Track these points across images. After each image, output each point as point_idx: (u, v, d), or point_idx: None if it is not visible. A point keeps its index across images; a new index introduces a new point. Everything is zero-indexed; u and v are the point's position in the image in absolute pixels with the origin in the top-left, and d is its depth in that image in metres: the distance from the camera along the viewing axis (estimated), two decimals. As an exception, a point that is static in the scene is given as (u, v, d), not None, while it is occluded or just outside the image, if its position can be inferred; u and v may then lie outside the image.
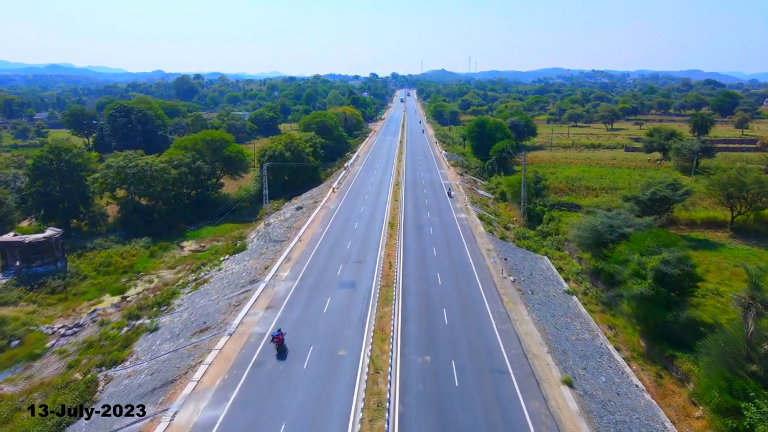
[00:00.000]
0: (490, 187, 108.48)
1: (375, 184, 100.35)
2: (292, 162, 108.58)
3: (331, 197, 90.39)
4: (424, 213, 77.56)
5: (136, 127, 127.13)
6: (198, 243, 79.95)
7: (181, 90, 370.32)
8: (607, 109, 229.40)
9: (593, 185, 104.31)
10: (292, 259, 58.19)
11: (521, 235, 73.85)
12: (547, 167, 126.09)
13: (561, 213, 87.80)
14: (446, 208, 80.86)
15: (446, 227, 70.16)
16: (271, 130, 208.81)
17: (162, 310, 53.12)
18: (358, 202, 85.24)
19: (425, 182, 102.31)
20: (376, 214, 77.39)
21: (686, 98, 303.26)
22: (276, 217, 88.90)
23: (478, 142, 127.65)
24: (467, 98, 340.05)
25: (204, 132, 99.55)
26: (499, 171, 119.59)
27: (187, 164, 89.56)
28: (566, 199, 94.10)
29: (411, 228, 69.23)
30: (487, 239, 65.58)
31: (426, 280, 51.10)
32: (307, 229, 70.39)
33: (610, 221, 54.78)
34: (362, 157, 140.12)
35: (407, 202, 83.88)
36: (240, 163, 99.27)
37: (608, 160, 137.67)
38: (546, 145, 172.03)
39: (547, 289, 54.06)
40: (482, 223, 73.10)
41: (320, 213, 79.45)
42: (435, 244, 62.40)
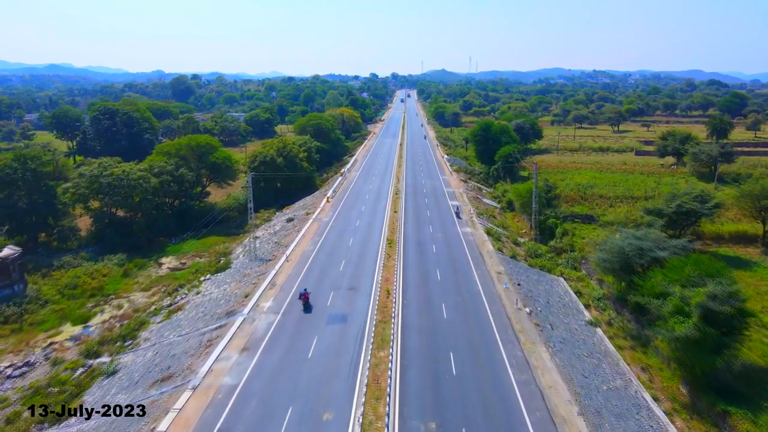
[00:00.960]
0: (496, 195, 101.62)
1: (373, 192, 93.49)
2: (285, 168, 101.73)
3: (325, 208, 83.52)
4: (426, 227, 70.68)
5: (121, 130, 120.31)
6: (179, 259, 73.07)
7: (177, 90, 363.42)
8: (614, 111, 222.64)
9: (606, 193, 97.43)
10: (276, 284, 51.28)
11: (533, 252, 66.98)
12: (556, 173, 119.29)
13: (574, 225, 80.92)
14: (450, 221, 73.99)
15: (451, 244, 63.26)
16: (266, 133, 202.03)
17: (126, 346, 46.32)
18: (353, 214, 78.38)
19: (427, 190, 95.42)
20: (374, 228, 70.52)
21: (693, 99, 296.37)
22: (265, 230, 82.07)
23: (482, 146, 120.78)
24: (468, 99, 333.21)
25: (189, 137, 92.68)
26: (505, 177, 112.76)
27: (169, 172, 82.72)
28: (579, 210, 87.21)
29: (412, 245, 62.34)
30: (496, 259, 58.69)
31: (429, 312, 44.23)
32: (296, 247, 63.51)
33: (640, 243, 47.87)
34: (360, 161, 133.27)
35: (407, 214, 77.01)
36: (227, 170, 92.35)
37: (619, 165, 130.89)
38: (552, 149, 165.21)
39: (568, 320, 47.19)
40: (490, 239, 66.21)
41: (312, 226, 72.59)
42: (439, 266, 55.49)
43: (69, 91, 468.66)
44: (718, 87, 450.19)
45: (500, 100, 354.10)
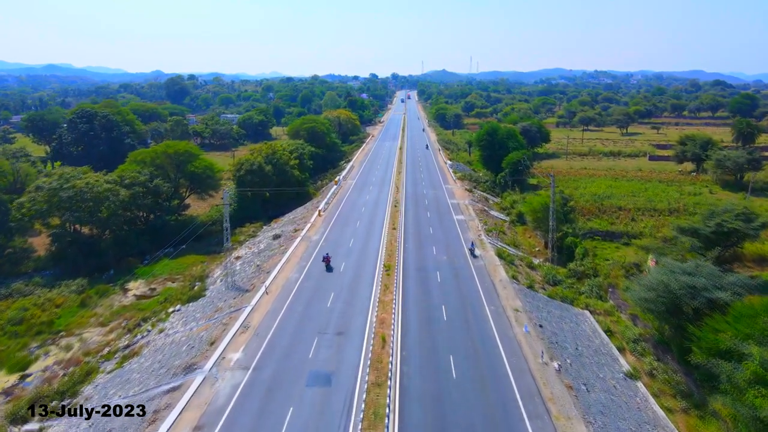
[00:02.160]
0: (504, 207, 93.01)
1: (369, 205, 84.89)
2: (274, 177, 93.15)
3: (316, 223, 74.94)
4: (429, 248, 62.08)
5: (100, 134, 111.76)
6: (148, 284, 64.51)
7: (172, 91, 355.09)
8: (622, 112, 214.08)
9: (626, 204, 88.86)
10: (250, 326, 42.68)
11: (551, 278, 58.40)
12: (567, 181, 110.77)
13: (595, 244, 72.41)
14: (456, 241, 65.40)
15: (458, 271, 54.64)
16: (260, 136, 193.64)
17: (63, 406, 37.76)
18: (347, 231, 69.80)
19: (429, 202, 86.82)
20: (369, 249, 61.92)
21: (701, 100, 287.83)
22: (249, 248, 73.54)
23: (488, 151, 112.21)
24: (470, 100, 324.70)
25: (166, 143, 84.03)
26: (513, 186, 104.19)
27: (142, 183, 74.21)
28: (598, 224, 78.65)
29: (412, 273, 53.74)
30: (511, 290, 50.10)
31: (435, 370, 35.64)
32: (279, 273, 54.91)
33: (691, 279, 39.25)
34: (357, 167, 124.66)
35: (407, 232, 68.43)
36: (208, 181, 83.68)
37: (634, 172, 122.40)
38: (560, 153, 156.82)
39: (603, 373, 38.63)
40: (502, 263, 57.62)
41: (299, 247, 64.00)
42: (445, 301, 46.89)
43: (63, 91, 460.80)
44: (723, 88, 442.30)
45: (502, 101, 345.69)
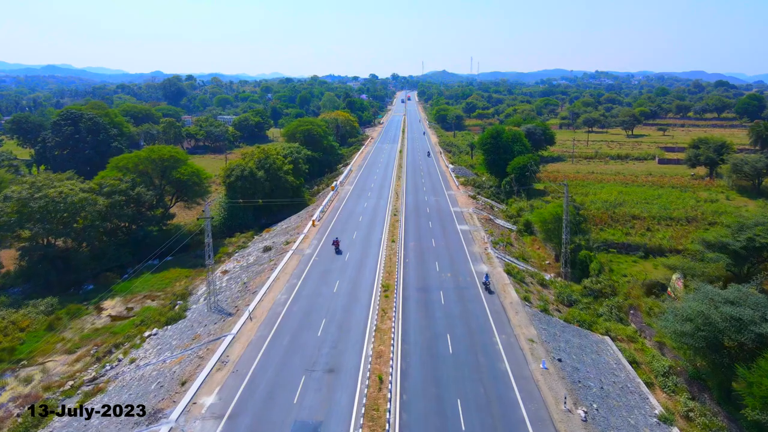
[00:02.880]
0: (510, 215, 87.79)
1: (367, 214, 79.69)
2: (267, 183, 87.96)
3: (310, 234, 69.76)
4: (432, 264, 56.88)
5: (85, 137, 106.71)
6: (126, 302, 59.33)
7: (169, 92, 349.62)
8: (628, 114, 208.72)
9: (639, 212, 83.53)
10: (229, 360, 37.48)
11: (566, 298, 53.26)
12: (575, 186, 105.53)
13: (610, 257, 67.24)
14: (461, 256, 60.21)
15: (463, 292, 49.46)
16: (256, 138, 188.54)
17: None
18: (342, 245, 64.58)
19: (431, 210, 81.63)
20: (366, 266, 56.71)
21: (707, 101, 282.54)
22: (237, 261, 68.35)
23: (493, 155, 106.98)
24: (471, 101, 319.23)
25: (149, 148, 78.74)
26: (519, 191, 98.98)
27: (122, 191, 69.06)
28: (613, 236, 73.38)
29: (413, 295, 48.55)
30: (524, 315, 44.91)
31: (441, 419, 30.44)
32: (266, 294, 49.71)
33: (736, 310, 34.04)
34: (355, 171, 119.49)
35: (408, 246, 63.21)
36: (195, 188, 78.37)
37: (644, 176, 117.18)
38: (566, 156, 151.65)
39: (633, 418, 33.47)
40: (512, 282, 52.45)
41: (291, 262, 58.78)
42: (450, 329, 41.68)
43: (60, 92, 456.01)
44: (727, 89, 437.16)
45: (504, 101, 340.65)
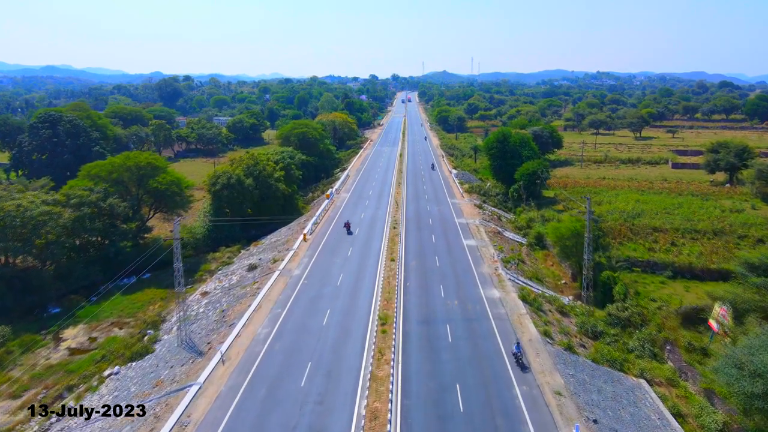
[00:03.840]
0: (519, 226, 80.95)
1: (364, 226, 72.86)
2: (256, 191, 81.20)
3: (300, 251, 62.90)
4: (436, 289, 50.03)
5: (64, 141, 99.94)
6: (90, 330, 52.50)
7: (165, 93, 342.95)
8: (635, 115, 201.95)
9: (661, 224, 76.52)
10: (189, 422, 30.58)
11: (590, 329, 46.44)
12: (587, 193, 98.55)
13: (633, 276, 60.35)
14: (469, 278, 53.36)
15: (474, 325, 42.60)
16: (252, 140, 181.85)
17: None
18: (335, 263, 57.77)
19: (434, 222, 74.81)
20: (361, 291, 49.87)
21: (715, 102, 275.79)
22: (219, 281, 61.54)
23: (499, 161, 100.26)
24: (473, 102, 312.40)
25: (125, 154, 71.71)
26: (528, 200, 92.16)
27: (92, 202, 62.23)
28: (636, 252, 66.37)
29: (416, 330, 41.68)
30: (546, 356, 38.06)
31: None
32: (245, 328, 42.87)
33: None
34: (353, 177, 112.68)
35: (409, 266, 56.33)
36: (174, 198, 71.42)
37: (659, 182, 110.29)
38: (573, 160, 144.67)
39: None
40: (528, 311, 45.62)
41: (276, 286, 51.94)
42: (461, 379, 34.68)
43: (56, 93, 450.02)
44: (732, 89, 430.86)
45: (506, 102, 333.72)
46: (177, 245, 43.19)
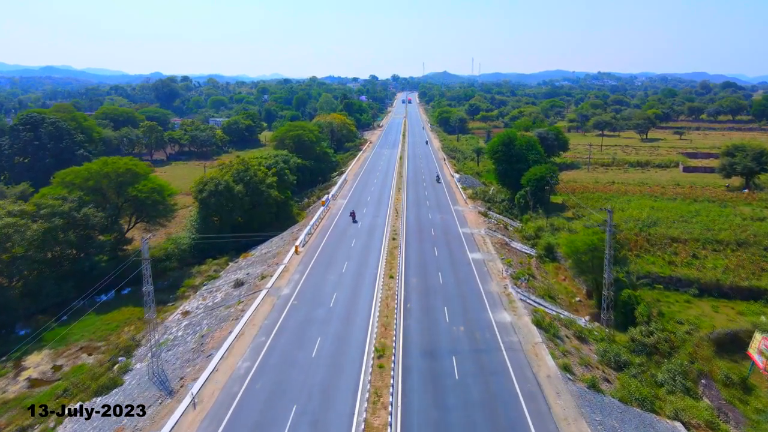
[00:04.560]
0: (527, 235, 75.84)
1: (362, 236, 67.77)
2: (246, 199, 76.16)
3: (291, 265, 57.81)
4: (440, 312, 44.94)
5: (46, 144, 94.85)
6: (55, 357, 47.43)
7: (161, 93, 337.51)
8: (642, 116, 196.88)
9: (679, 234, 71.36)
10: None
11: (613, 358, 41.30)
12: (596, 199, 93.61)
13: (655, 293, 55.21)
14: (476, 299, 48.29)
15: (483, 358, 37.49)
16: (247, 142, 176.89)
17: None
18: (329, 281, 52.67)
19: (436, 232, 69.72)
20: (356, 315, 44.77)
21: (721, 103, 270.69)
22: (204, 297, 56.44)
23: (504, 165, 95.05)
24: (474, 102, 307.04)
25: (103, 160, 66.38)
26: (536, 206, 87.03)
27: (64, 213, 57.15)
28: (653, 264, 61.26)
29: (417, 365, 36.57)
30: (568, 397, 32.96)
31: None
32: (223, 361, 37.79)
33: None
34: (351, 181, 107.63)
35: (410, 284, 51.24)
36: (156, 207, 66.25)
37: (671, 187, 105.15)
38: (579, 162, 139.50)
39: None
40: (544, 339, 40.52)
41: (262, 307, 46.85)
42: (470, 427, 29.67)
43: (53, 93, 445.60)
44: (735, 90, 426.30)
45: (508, 103, 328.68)
46: (146, 267, 38.15)
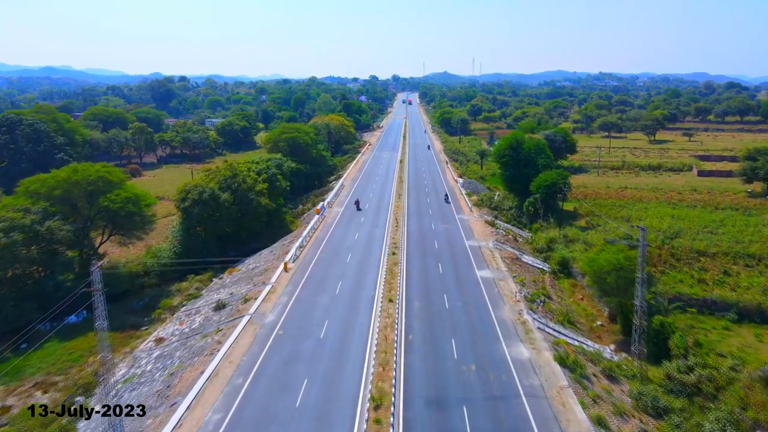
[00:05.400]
0: (538, 247, 69.76)
1: (358, 251, 61.64)
2: (234, 208, 70.15)
3: (279, 284, 51.75)
4: (447, 345, 38.86)
5: (23, 147, 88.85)
6: (5, 394, 41.34)
7: (157, 93, 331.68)
8: (650, 117, 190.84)
9: (706, 246, 65.33)
10: None
11: (651, 404, 35.17)
12: (610, 206, 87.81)
13: (687, 318, 49.24)
14: (488, 329, 42.22)
15: (501, 413, 31.41)
16: (242, 144, 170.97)
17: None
18: (320, 303, 46.63)
19: (440, 244, 63.64)
20: (350, 348, 38.69)
21: (729, 103, 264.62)
22: (181, 321, 50.41)
23: (512, 170, 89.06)
24: (476, 103, 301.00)
25: (73, 166, 59.99)
26: (546, 214, 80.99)
27: (25, 227, 51.12)
28: (680, 282, 55.29)
29: (422, 418, 30.52)
30: (607, 464, 26.88)
31: None
32: (190, 412, 31.69)
33: None
34: (348, 187, 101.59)
35: (412, 310, 45.19)
36: (131, 219, 60.09)
37: (688, 193, 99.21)
38: (588, 166, 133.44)
39: None
40: (571, 382, 34.45)
41: (242, 339, 40.78)
42: None
43: (49, 94, 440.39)
44: (739, 90, 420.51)
45: (510, 104, 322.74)
46: (99, 300, 32.08)
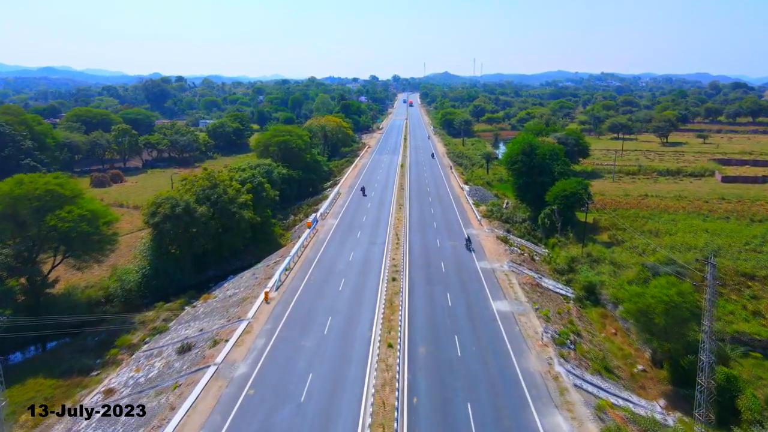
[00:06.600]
0: (558, 268, 61.27)
1: (352, 277, 53.08)
2: (212, 222, 61.68)
3: (257, 321, 43.27)
4: (462, 411, 30.41)
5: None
6: None
7: (151, 94, 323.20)
8: (662, 118, 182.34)
9: (752, 269, 56.89)
10: None
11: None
12: (633, 217, 79.40)
13: (750, 361, 40.75)
14: (512, 389, 33.75)
15: None
16: (234, 147, 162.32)
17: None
18: (305, 348, 38.10)
19: (448, 268, 55.08)
20: (338, 415, 30.24)
21: (741, 104, 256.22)
22: (137, 367, 41.89)
23: (525, 178, 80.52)
24: (478, 104, 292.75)
25: (17, 178, 50.57)
26: (565, 229, 72.51)
27: (-46, 252, 42.58)
28: (730, 314, 46.86)
29: None
30: None
31: None
32: None
33: None
34: (344, 195, 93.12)
35: (417, 358, 36.69)
36: (87, 239, 51.39)
37: (716, 201, 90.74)
38: (601, 170, 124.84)
39: None
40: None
41: (203, 402, 32.27)
42: None
43: (43, 94, 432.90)
44: (746, 90, 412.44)
45: (513, 104, 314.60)
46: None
